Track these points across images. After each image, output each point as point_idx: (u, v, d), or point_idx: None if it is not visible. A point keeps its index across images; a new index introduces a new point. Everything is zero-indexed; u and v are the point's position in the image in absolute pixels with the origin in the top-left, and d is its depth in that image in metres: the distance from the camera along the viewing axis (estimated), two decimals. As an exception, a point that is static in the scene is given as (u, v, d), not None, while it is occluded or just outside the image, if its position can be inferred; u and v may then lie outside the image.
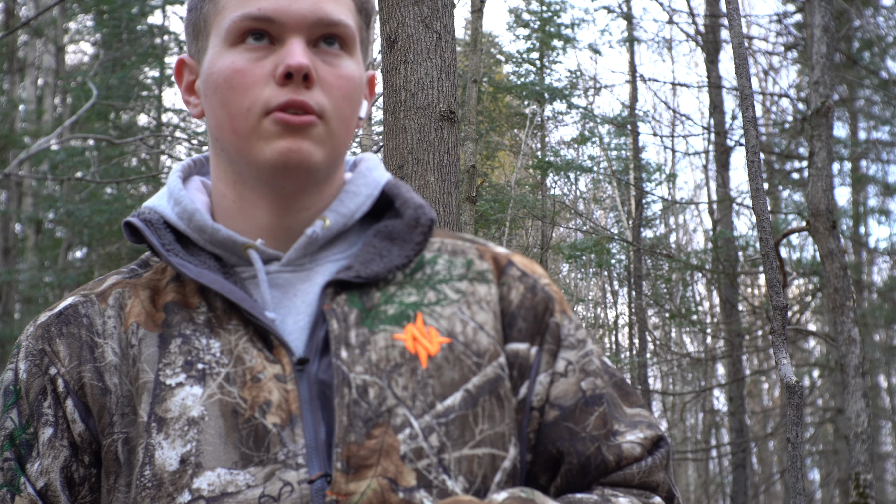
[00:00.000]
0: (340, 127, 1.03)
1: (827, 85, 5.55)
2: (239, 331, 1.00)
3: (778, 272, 3.20)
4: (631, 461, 1.04)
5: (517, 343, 1.05)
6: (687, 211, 18.98)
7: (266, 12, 1.00)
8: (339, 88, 1.02)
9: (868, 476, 5.34)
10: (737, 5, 3.27)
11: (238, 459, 0.95)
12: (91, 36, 14.69)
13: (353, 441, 0.95)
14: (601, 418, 1.05)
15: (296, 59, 0.99)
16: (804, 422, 11.00)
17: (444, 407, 0.98)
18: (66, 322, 1.04)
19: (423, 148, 3.20)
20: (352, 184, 1.09)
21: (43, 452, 1.01)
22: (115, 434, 0.99)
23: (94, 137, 10.71)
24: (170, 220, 1.06)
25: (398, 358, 0.99)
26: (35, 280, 12.16)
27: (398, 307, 1.03)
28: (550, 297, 1.09)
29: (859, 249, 14.16)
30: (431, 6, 3.27)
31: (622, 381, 1.11)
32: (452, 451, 0.97)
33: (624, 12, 14.28)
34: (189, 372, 0.99)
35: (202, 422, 0.96)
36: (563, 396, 1.05)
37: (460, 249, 1.10)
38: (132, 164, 14.50)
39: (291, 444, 0.95)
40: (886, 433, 15.83)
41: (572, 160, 14.85)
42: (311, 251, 1.05)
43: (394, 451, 0.95)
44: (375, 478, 0.94)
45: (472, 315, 1.04)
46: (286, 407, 0.97)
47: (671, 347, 16.50)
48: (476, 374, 1.01)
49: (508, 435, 1.02)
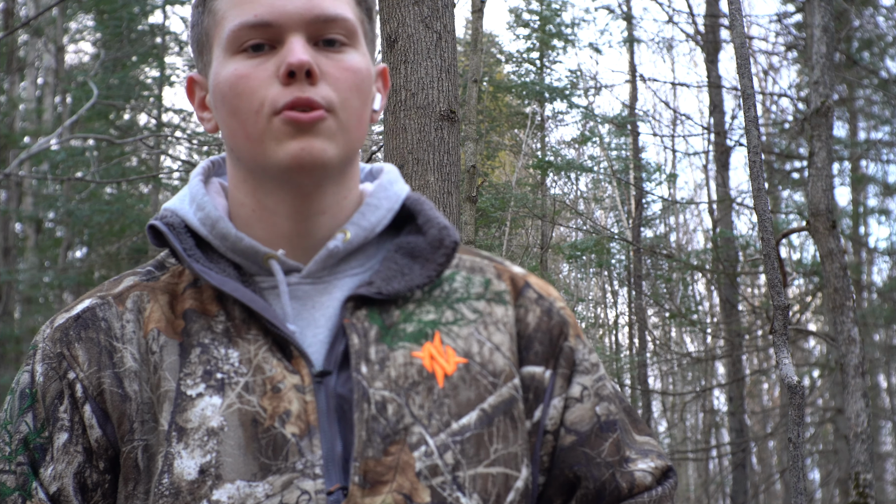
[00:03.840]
0: (351, 119, 1.02)
1: (827, 85, 5.54)
2: (258, 340, 1.00)
3: (778, 272, 3.19)
4: (642, 489, 1.06)
5: (533, 366, 1.06)
6: (687, 211, 19.00)
7: (262, 17, 1.00)
8: (345, 81, 1.01)
9: (868, 476, 5.34)
10: (739, 5, 3.27)
11: (257, 471, 0.95)
12: (91, 36, 14.70)
13: (371, 456, 0.95)
14: (615, 444, 1.07)
15: (296, 56, 0.98)
16: (804, 422, 11.00)
17: (460, 425, 0.99)
18: (85, 326, 1.03)
19: (423, 148, 3.20)
20: (373, 196, 1.09)
21: (57, 457, 1.00)
22: (135, 441, 0.99)
23: (94, 137, 10.70)
24: (191, 224, 1.06)
25: (416, 376, 1.00)
26: (35, 280, 12.16)
27: (417, 325, 1.03)
28: (566, 321, 1.10)
29: (859, 249, 14.15)
30: (431, 6, 3.27)
31: (630, 408, 1.13)
32: (467, 469, 0.98)
33: (624, 12, 14.29)
34: (208, 382, 0.99)
35: (222, 432, 0.96)
36: (580, 421, 1.07)
37: (478, 267, 1.11)
38: (132, 164, 14.50)
39: (310, 455, 0.95)
40: (886, 433, 15.83)
41: (572, 160, 14.85)
42: (330, 264, 1.05)
43: (409, 468, 0.96)
44: (391, 493, 0.95)
45: (489, 336, 1.05)
46: (305, 417, 0.97)
47: (671, 347, 16.50)
48: (492, 395, 1.02)
49: (521, 456, 1.02)
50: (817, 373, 14.21)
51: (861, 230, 14.83)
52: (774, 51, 13.25)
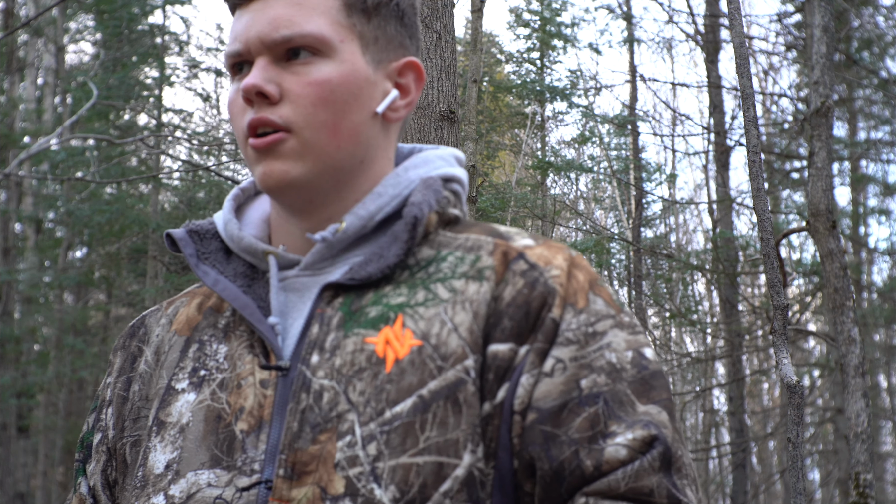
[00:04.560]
0: (319, 135, 1.02)
1: (826, 85, 5.55)
2: (242, 336, 1.04)
3: (778, 272, 3.19)
4: (615, 465, 0.94)
5: (498, 344, 0.98)
6: (687, 211, 19.01)
7: (235, 46, 1.05)
8: (308, 96, 1.01)
9: (868, 476, 5.34)
10: (738, 5, 3.27)
11: (206, 460, 0.98)
12: (91, 36, 14.70)
13: (298, 447, 0.95)
14: (589, 419, 0.96)
15: (246, 80, 1.01)
16: (804, 422, 11.00)
17: (392, 414, 0.95)
18: (132, 334, 1.15)
19: (423, 148, 3.20)
20: (381, 184, 1.07)
21: (94, 456, 1.11)
22: (125, 438, 1.07)
23: (94, 137, 10.70)
24: (219, 229, 1.12)
25: (364, 362, 0.97)
26: (35, 280, 12.16)
27: (381, 309, 1.00)
28: (552, 291, 1.00)
29: (859, 249, 14.15)
30: (431, 6, 3.26)
31: (651, 375, 1.00)
32: (388, 460, 0.94)
33: (624, 12, 14.29)
34: (192, 379, 1.04)
35: (187, 428, 1.00)
36: (544, 398, 0.97)
37: (477, 245, 1.05)
38: (132, 164, 14.51)
39: (252, 451, 0.97)
40: (886, 433, 15.84)
41: (572, 160, 14.86)
42: (330, 254, 1.05)
43: (330, 458, 0.94)
44: (313, 485, 0.94)
45: (453, 316, 0.99)
46: (258, 413, 0.98)
47: (671, 347, 16.50)
48: (434, 379, 0.96)
49: (464, 441, 0.95)
50: (817, 373, 14.22)
51: (861, 230, 14.84)
52: (774, 51, 13.26)
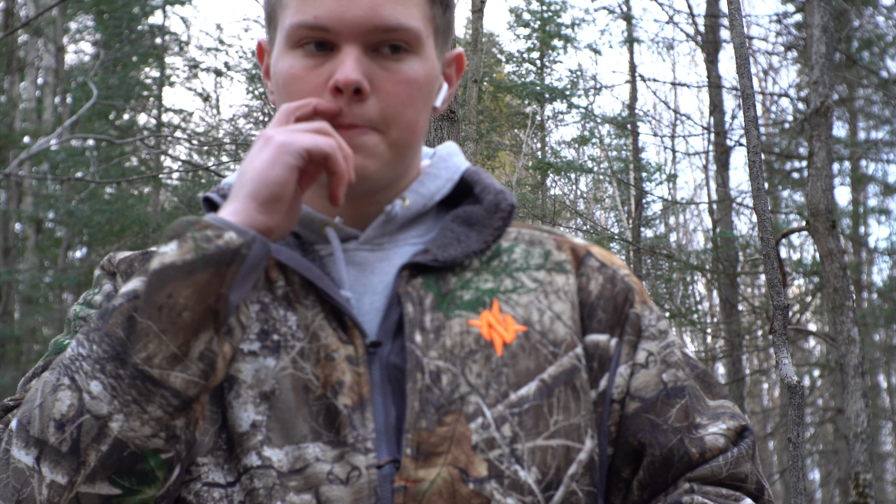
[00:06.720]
0: (403, 134, 1.01)
1: (826, 85, 5.54)
2: (315, 307, 0.99)
3: (778, 272, 3.20)
4: (716, 453, 1.02)
5: (597, 334, 1.04)
6: (687, 211, 18.99)
7: (320, 21, 0.98)
8: (398, 95, 1.00)
9: (868, 476, 5.34)
10: (738, 5, 3.27)
11: (307, 433, 0.94)
12: (91, 36, 14.69)
13: (424, 427, 0.93)
14: (683, 410, 1.03)
15: (344, 73, 0.97)
16: (804, 422, 10.99)
17: (519, 396, 0.97)
18: None
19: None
20: (432, 167, 1.09)
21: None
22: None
23: (94, 137, 10.70)
24: None
25: (473, 344, 0.98)
26: (35, 280, 12.15)
27: (474, 293, 1.01)
28: (630, 288, 1.07)
29: (859, 249, 14.15)
30: (432, 6, 3.26)
31: (705, 373, 1.09)
32: (526, 442, 0.95)
33: (624, 12, 14.28)
34: (264, 342, 0.98)
35: (273, 396, 0.95)
36: (644, 388, 1.03)
37: (538, 240, 1.08)
38: (132, 164, 14.50)
39: (361, 429, 0.94)
40: (886, 433, 15.83)
41: (572, 160, 14.85)
42: (389, 231, 1.05)
43: (465, 440, 0.94)
44: (446, 466, 0.93)
45: (550, 304, 1.02)
46: (358, 389, 0.95)
47: (671, 347, 16.46)
48: (552, 364, 0.99)
49: (584, 427, 1.00)
50: (817, 373, 14.22)
51: (861, 230, 14.84)
52: (774, 51, 13.25)
